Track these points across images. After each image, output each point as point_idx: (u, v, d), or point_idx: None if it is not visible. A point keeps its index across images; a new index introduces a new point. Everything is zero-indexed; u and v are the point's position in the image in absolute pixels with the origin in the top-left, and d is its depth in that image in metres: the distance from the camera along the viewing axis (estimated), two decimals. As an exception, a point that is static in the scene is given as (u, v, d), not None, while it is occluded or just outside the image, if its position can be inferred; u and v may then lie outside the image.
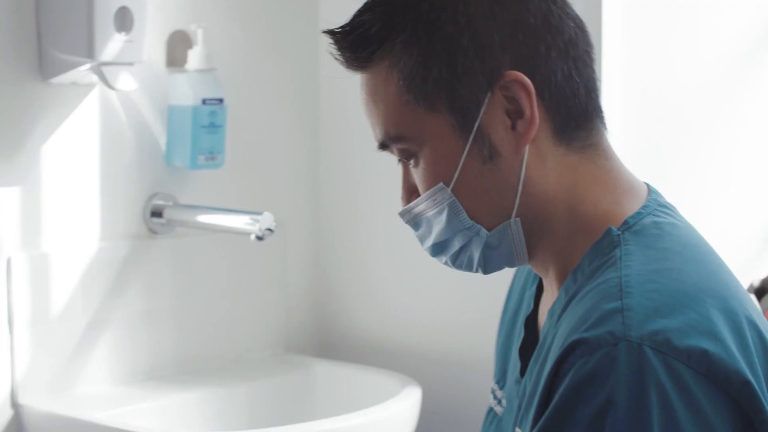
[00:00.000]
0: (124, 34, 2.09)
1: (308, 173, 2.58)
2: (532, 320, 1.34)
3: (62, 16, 2.07)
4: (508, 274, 1.42)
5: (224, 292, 2.41)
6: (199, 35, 2.27)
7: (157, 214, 2.28)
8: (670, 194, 1.29)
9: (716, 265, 1.19)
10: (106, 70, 2.08)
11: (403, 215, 1.29)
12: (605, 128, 1.26)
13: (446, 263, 1.30)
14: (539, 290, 1.35)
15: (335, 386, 2.39)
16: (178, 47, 2.30)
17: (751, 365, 1.09)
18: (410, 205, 1.28)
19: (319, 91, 2.57)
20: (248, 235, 2.15)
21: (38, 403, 2.10)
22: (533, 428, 1.12)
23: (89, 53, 2.05)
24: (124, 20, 2.09)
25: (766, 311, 1.98)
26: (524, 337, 1.33)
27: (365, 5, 1.26)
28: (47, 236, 2.14)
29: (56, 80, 2.11)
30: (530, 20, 1.21)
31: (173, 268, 2.32)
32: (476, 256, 1.26)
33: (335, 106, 2.54)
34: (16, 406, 2.10)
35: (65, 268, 2.15)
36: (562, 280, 1.23)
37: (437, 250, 1.29)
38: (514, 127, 1.21)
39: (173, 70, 2.29)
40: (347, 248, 2.58)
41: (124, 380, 2.25)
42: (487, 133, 1.21)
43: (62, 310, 2.14)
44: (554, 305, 1.21)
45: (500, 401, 1.37)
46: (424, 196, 1.25)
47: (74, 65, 2.08)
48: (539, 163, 1.22)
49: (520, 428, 1.22)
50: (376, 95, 1.25)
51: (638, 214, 1.21)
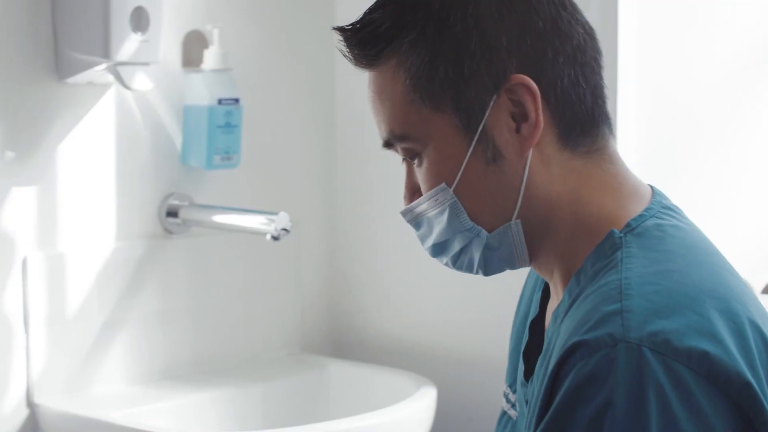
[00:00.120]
0: (140, 34, 2.09)
1: (323, 173, 2.58)
2: (539, 323, 1.34)
3: (78, 16, 2.07)
4: (523, 273, 1.41)
5: (239, 292, 2.41)
6: (214, 35, 2.27)
7: (172, 214, 2.28)
8: (684, 195, 1.29)
9: (719, 266, 1.19)
10: (122, 70, 2.08)
11: (404, 214, 1.30)
12: (612, 134, 1.26)
13: (447, 264, 1.30)
14: (546, 294, 1.35)
15: (350, 386, 2.39)
16: (193, 47, 2.31)
17: (752, 367, 1.08)
18: (412, 204, 1.28)
19: (334, 91, 2.57)
20: (264, 235, 2.16)
21: (54, 402, 2.11)
22: (536, 430, 1.12)
23: (105, 53, 2.06)
24: (140, 20, 2.09)
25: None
26: (529, 339, 1.33)
27: (376, 3, 1.25)
28: (63, 236, 2.14)
29: (72, 80, 2.11)
30: (539, 24, 1.20)
31: (189, 268, 2.32)
32: (476, 257, 1.26)
33: (350, 106, 2.54)
34: (31, 405, 2.11)
35: (81, 267, 2.15)
36: (565, 282, 1.23)
37: (437, 250, 1.29)
38: (518, 130, 1.20)
39: (189, 70, 2.29)
40: (362, 248, 2.57)
41: (139, 380, 2.25)
42: (491, 135, 1.21)
43: (78, 309, 2.15)
44: (558, 308, 1.21)
45: (514, 405, 1.37)
46: (426, 195, 1.25)
47: (90, 65, 2.08)
48: (543, 166, 1.21)
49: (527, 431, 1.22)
50: (382, 93, 1.25)
51: (641, 216, 1.20)
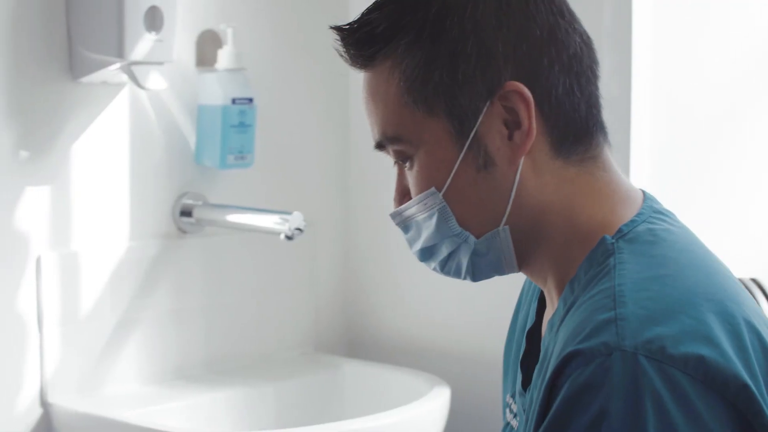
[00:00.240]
0: (154, 33, 2.09)
1: (338, 173, 2.58)
2: (536, 333, 1.33)
3: (92, 15, 2.07)
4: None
5: (253, 291, 2.41)
6: (228, 35, 2.27)
7: (186, 213, 2.28)
8: (699, 198, 1.28)
9: (713, 268, 1.18)
10: (136, 69, 2.09)
11: (393, 217, 1.29)
12: (608, 143, 1.25)
13: (435, 269, 1.30)
14: (542, 302, 1.34)
15: (364, 386, 2.39)
16: (207, 47, 2.31)
17: (749, 368, 1.07)
18: (401, 207, 1.27)
19: (349, 90, 2.56)
20: (278, 234, 2.15)
21: (67, 402, 2.11)
22: None
23: (119, 53, 2.06)
24: (154, 20, 2.09)
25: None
26: (527, 349, 1.33)
27: (375, 3, 1.25)
28: (77, 235, 2.14)
29: (86, 79, 2.11)
30: (536, 32, 1.20)
31: (202, 267, 2.32)
32: (464, 263, 1.26)
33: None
34: (45, 404, 2.11)
35: (95, 267, 2.15)
36: (560, 290, 1.23)
37: (425, 254, 1.29)
38: (511, 137, 1.20)
39: (203, 69, 2.29)
40: (376, 248, 2.57)
41: (153, 379, 2.25)
42: (483, 141, 1.20)
43: (92, 309, 2.15)
44: (553, 317, 1.20)
45: (516, 415, 1.36)
46: (415, 199, 1.24)
47: (104, 65, 2.09)
48: (534, 174, 1.21)
49: None
50: (376, 95, 1.25)
51: (632, 221, 1.19)
